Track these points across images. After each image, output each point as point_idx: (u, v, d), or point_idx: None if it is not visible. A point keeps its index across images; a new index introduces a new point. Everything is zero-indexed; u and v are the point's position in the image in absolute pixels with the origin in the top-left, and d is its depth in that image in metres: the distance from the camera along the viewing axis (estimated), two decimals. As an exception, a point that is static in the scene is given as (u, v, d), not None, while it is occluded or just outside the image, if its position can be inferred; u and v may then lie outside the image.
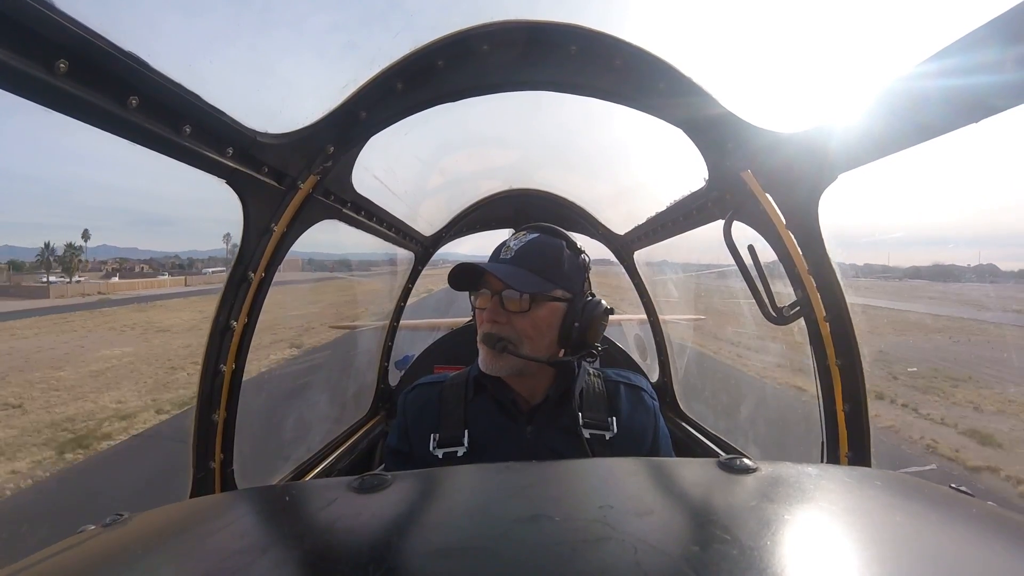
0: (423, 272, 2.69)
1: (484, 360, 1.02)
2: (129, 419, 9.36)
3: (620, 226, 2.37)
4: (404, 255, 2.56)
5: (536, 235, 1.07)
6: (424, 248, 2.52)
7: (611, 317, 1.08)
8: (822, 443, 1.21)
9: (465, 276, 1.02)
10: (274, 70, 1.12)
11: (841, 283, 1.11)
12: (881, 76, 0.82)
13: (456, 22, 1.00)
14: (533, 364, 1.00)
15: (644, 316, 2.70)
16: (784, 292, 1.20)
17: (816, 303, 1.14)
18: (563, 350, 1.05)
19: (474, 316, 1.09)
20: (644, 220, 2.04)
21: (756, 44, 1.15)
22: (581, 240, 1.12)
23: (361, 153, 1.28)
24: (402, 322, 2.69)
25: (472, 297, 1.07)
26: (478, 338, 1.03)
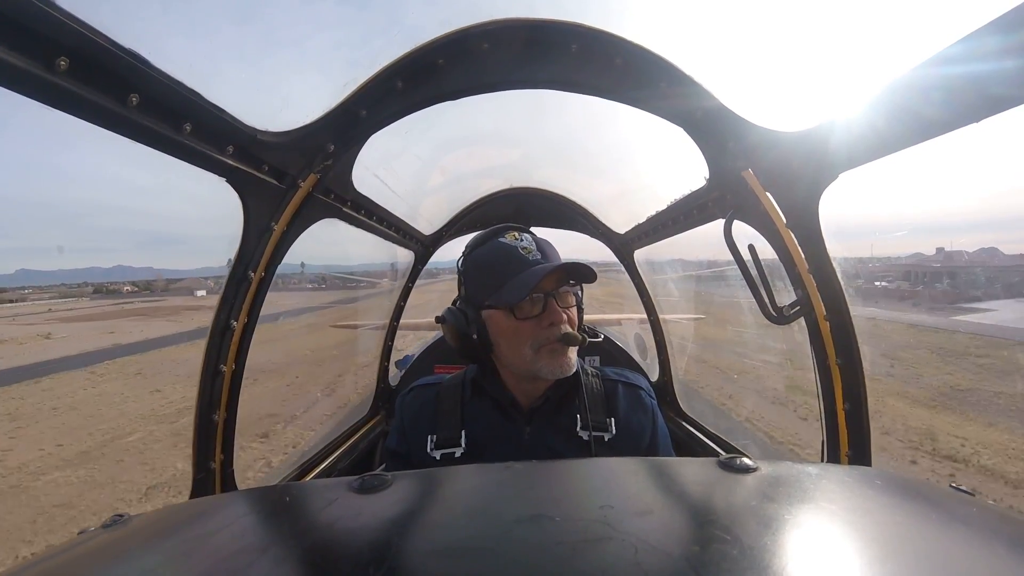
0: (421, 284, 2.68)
1: (564, 363, 0.98)
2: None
3: (620, 225, 2.37)
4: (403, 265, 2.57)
5: (529, 232, 1.07)
6: (424, 247, 2.51)
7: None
8: (822, 442, 1.21)
9: (529, 280, 0.95)
10: (275, 69, 1.12)
11: (841, 282, 1.11)
12: (882, 75, 0.82)
13: (456, 20, 1.00)
14: None
15: (644, 315, 2.70)
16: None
17: (816, 302, 1.14)
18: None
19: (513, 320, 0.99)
20: (644, 219, 2.03)
21: (757, 42, 1.15)
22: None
23: (361, 152, 1.28)
24: (402, 321, 2.69)
25: (526, 301, 0.96)
26: (556, 340, 0.96)
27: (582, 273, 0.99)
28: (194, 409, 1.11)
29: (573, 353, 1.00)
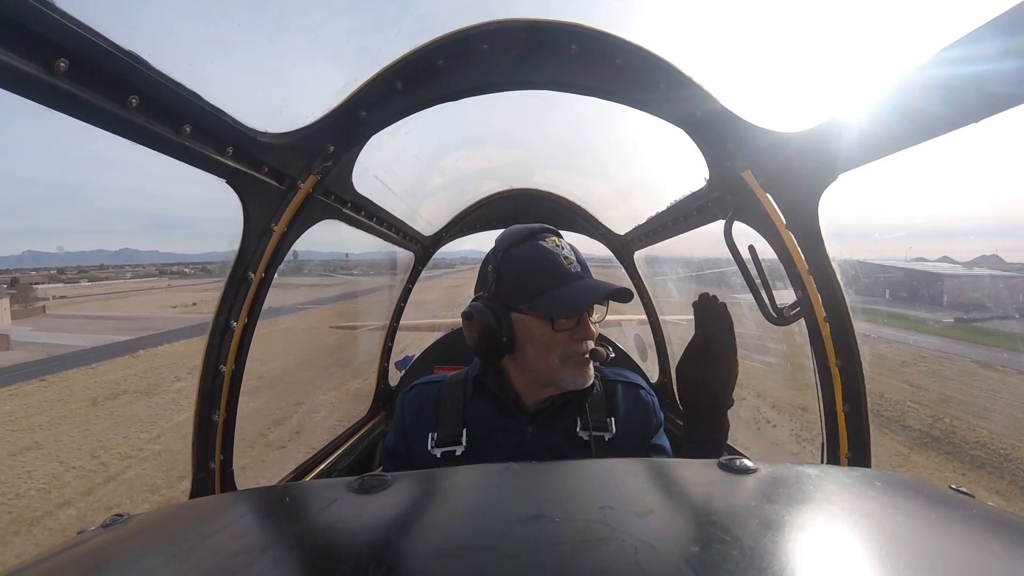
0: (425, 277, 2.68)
1: (587, 375, 1.01)
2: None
3: (620, 226, 2.37)
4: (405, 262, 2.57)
5: (566, 241, 1.07)
6: (424, 248, 2.51)
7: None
8: (822, 444, 1.21)
9: (585, 298, 0.97)
10: (275, 70, 1.12)
11: (841, 283, 1.11)
12: (881, 76, 0.82)
13: (456, 21, 1.00)
14: None
15: (644, 316, 2.70)
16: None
17: (816, 303, 1.14)
18: None
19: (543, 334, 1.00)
20: (644, 220, 2.03)
21: (757, 44, 1.15)
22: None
23: (361, 153, 1.28)
24: (402, 322, 2.69)
25: (566, 319, 0.97)
26: (582, 355, 0.99)
27: (621, 296, 1.01)
28: (193, 409, 1.11)
29: (592, 366, 1.02)
